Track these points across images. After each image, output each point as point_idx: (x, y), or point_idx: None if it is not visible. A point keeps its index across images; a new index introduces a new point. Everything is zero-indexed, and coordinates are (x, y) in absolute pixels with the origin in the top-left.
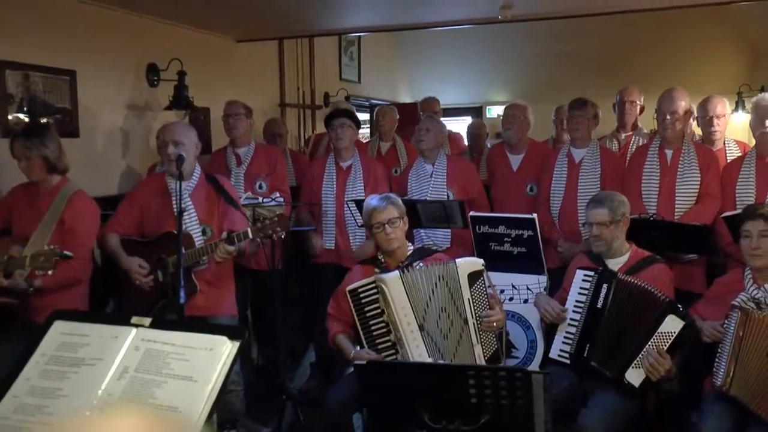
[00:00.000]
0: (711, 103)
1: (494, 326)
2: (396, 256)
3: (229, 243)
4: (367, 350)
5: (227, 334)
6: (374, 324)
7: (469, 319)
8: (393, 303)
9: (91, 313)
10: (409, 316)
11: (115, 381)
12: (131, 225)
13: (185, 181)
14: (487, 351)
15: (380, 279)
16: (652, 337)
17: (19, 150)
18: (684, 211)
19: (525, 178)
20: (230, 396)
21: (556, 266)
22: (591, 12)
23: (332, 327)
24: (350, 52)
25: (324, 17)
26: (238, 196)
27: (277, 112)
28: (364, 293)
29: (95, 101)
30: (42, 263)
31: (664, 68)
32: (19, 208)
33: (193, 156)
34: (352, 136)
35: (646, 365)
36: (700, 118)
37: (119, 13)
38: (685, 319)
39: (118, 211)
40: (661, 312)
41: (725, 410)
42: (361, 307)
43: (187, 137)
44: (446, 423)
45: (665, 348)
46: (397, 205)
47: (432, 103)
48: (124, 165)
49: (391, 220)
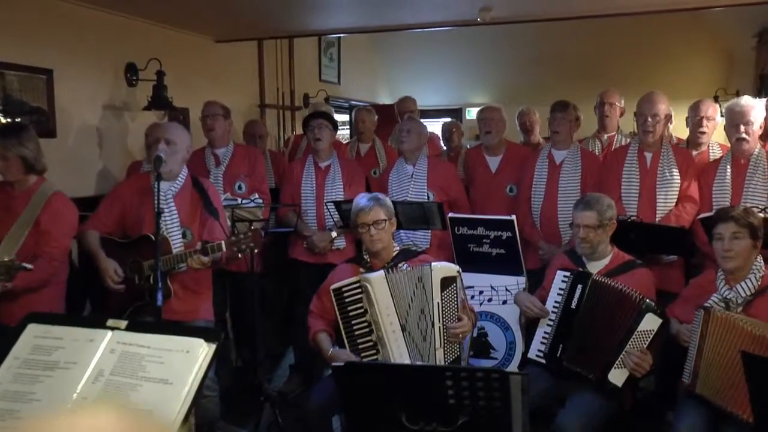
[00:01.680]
0: (704, 105)
1: (459, 337)
2: (381, 257)
3: (204, 254)
4: (345, 350)
5: (204, 337)
6: (356, 323)
7: (436, 323)
8: (377, 302)
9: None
10: (392, 316)
11: (90, 384)
12: (112, 223)
13: (170, 182)
14: (449, 356)
15: (365, 278)
16: (632, 337)
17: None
18: (665, 213)
19: (504, 180)
20: (205, 401)
21: (536, 267)
22: (569, 15)
23: (313, 325)
24: (330, 53)
25: (304, 18)
26: (220, 202)
27: (256, 113)
28: (347, 292)
29: (72, 101)
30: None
31: (642, 72)
32: None
33: (182, 158)
34: (330, 136)
35: (630, 364)
36: (690, 118)
37: (97, 12)
38: (662, 316)
39: (100, 208)
40: (638, 312)
41: (700, 408)
42: (344, 306)
43: (179, 138)
44: (424, 424)
45: (645, 346)
46: (384, 206)
47: (408, 102)
48: (101, 165)
49: (376, 222)
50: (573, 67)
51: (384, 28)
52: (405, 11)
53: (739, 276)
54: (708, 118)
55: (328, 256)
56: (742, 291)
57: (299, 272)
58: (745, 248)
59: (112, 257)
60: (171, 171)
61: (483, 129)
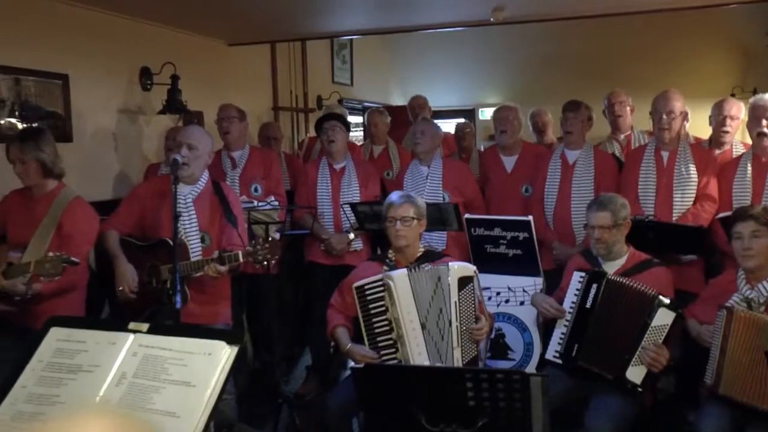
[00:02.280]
0: (728, 103)
1: (480, 337)
2: (406, 255)
3: (220, 263)
4: (363, 346)
5: (225, 339)
6: (377, 321)
7: (453, 322)
8: (398, 300)
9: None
10: (412, 314)
11: (113, 387)
12: (132, 224)
13: (190, 186)
14: (466, 356)
15: (388, 276)
16: (647, 333)
17: (15, 153)
18: (681, 212)
19: (520, 180)
20: (222, 403)
21: (550, 268)
22: (583, 14)
23: (332, 319)
24: (342, 55)
25: (316, 20)
26: (241, 209)
27: (270, 116)
28: (370, 290)
29: (88, 105)
30: (48, 269)
31: (656, 71)
32: (14, 213)
33: (204, 162)
34: (344, 138)
35: (647, 360)
36: (714, 117)
37: (112, 17)
38: (676, 310)
39: (120, 208)
40: (652, 307)
41: (724, 409)
42: (366, 303)
43: (201, 142)
44: (443, 426)
45: (661, 341)
46: (416, 205)
47: (420, 101)
48: (117, 169)
49: (404, 218)
50: (586, 66)
51: (396, 29)
52: (417, 12)
53: (761, 275)
54: (732, 117)
55: (346, 258)
56: (763, 290)
57: (316, 274)
58: (765, 247)
59: (131, 259)
60: (192, 175)
61: (498, 128)
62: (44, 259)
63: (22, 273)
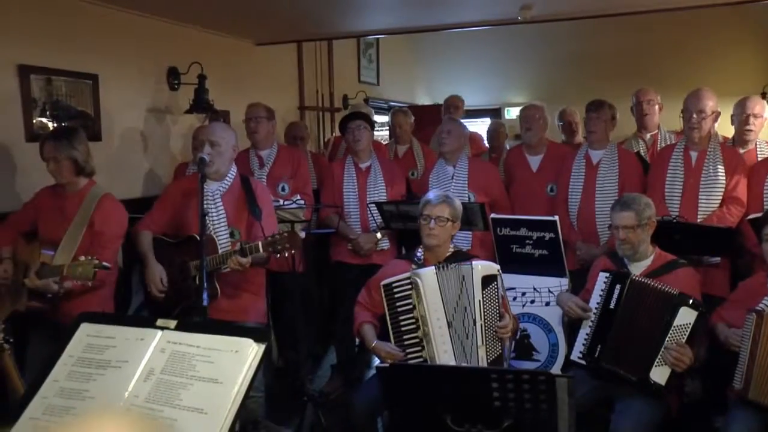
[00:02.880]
0: (751, 101)
1: (504, 335)
2: (436, 254)
3: (242, 254)
4: (389, 343)
5: (253, 337)
6: (404, 319)
7: (478, 320)
8: (425, 298)
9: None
10: (439, 312)
11: (141, 383)
12: (165, 223)
13: (218, 182)
14: (491, 354)
15: (416, 274)
16: (669, 332)
17: (49, 151)
18: (707, 214)
19: (545, 179)
20: (250, 401)
21: (574, 268)
22: (610, 12)
23: (359, 316)
24: (369, 54)
25: (343, 20)
26: (269, 200)
27: (296, 115)
28: (397, 288)
29: (117, 105)
30: (81, 273)
31: (684, 69)
32: (46, 211)
33: (229, 158)
34: (369, 137)
35: (670, 360)
36: (736, 116)
37: (140, 18)
38: (698, 308)
39: (153, 209)
40: (673, 306)
41: (753, 415)
42: (393, 301)
43: (223, 138)
44: (468, 426)
45: (684, 340)
46: (452, 207)
47: (455, 100)
48: (146, 168)
49: (439, 218)
50: (613, 65)
51: (423, 28)
52: (444, 11)
53: None
54: (755, 116)
55: (373, 257)
56: None
57: (343, 273)
58: None
59: (163, 256)
60: (218, 171)
61: (524, 126)
62: (77, 263)
63: (55, 275)
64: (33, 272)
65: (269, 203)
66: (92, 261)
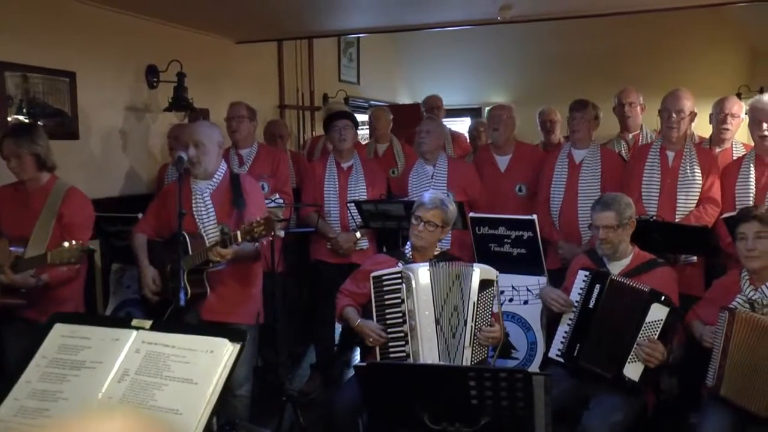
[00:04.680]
0: (729, 101)
1: (490, 342)
2: (422, 254)
3: (222, 246)
4: (372, 322)
5: (228, 337)
6: (390, 313)
7: (469, 322)
8: (416, 293)
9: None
10: (428, 309)
11: (116, 384)
12: (158, 225)
13: (207, 181)
14: (476, 357)
15: (409, 268)
16: (641, 329)
17: (10, 149)
18: (684, 213)
19: (513, 179)
20: (237, 401)
21: (555, 267)
22: (590, 13)
23: (341, 302)
24: (349, 53)
25: (323, 18)
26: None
27: (276, 114)
28: (388, 281)
29: (95, 103)
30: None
31: (663, 69)
32: (9, 208)
33: (216, 155)
34: (354, 136)
35: (642, 356)
36: (714, 115)
37: (118, 15)
38: (669, 305)
39: (146, 212)
40: (645, 303)
41: (726, 410)
42: (382, 294)
43: (208, 137)
44: (446, 424)
45: (656, 336)
46: (445, 213)
47: (435, 100)
48: (125, 166)
49: (429, 222)
50: (593, 65)
51: (404, 27)
52: (425, 11)
53: (764, 276)
54: (732, 115)
55: (352, 256)
56: (767, 291)
57: (322, 273)
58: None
59: (156, 256)
60: (206, 170)
61: (491, 126)
62: (61, 249)
63: (38, 264)
64: (7, 268)
65: (259, 198)
66: (76, 244)
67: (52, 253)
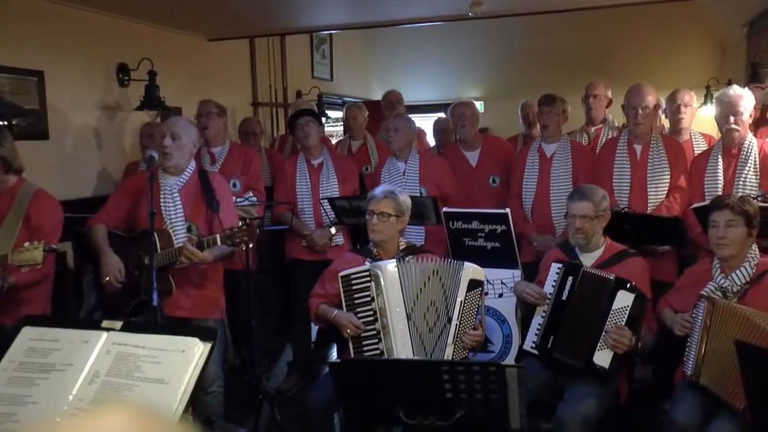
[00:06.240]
0: (679, 93)
1: (470, 345)
2: (385, 249)
3: (199, 248)
4: (349, 313)
5: (199, 336)
6: (361, 311)
7: (453, 320)
8: (386, 291)
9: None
10: (399, 305)
11: (86, 386)
12: (120, 218)
13: (176, 176)
14: (457, 355)
15: (377, 266)
16: (609, 316)
17: None
18: (656, 204)
19: (485, 172)
20: (209, 397)
21: (530, 260)
22: (559, 8)
23: (314, 303)
24: (322, 50)
25: (295, 15)
26: (227, 193)
27: (249, 111)
28: (356, 280)
29: (65, 102)
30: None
31: (633, 63)
32: None
33: (189, 152)
34: (318, 132)
35: (610, 342)
36: (669, 108)
37: (87, 13)
38: (634, 291)
39: (107, 203)
40: (611, 291)
41: (696, 398)
42: (351, 293)
43: (186, 132)
44: (421, 418)
45: (623, 323)
46: (396, 202)
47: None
48: (96, 166)
49: (382, 213)
50: (564, 60)
51: (375, 24)
52: (396, 7)
53: (735, 264)
54: (685, 105)
55: (327, 253)
56: (737, 279)
57: (297, 270)
58: (740, 236)
59: (118, 251)
60: (177, 165)
61: (458, 124)
62: (22, 249)
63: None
64: None
65: (228, 196)
66: (39, 244)
67: (13, 254)
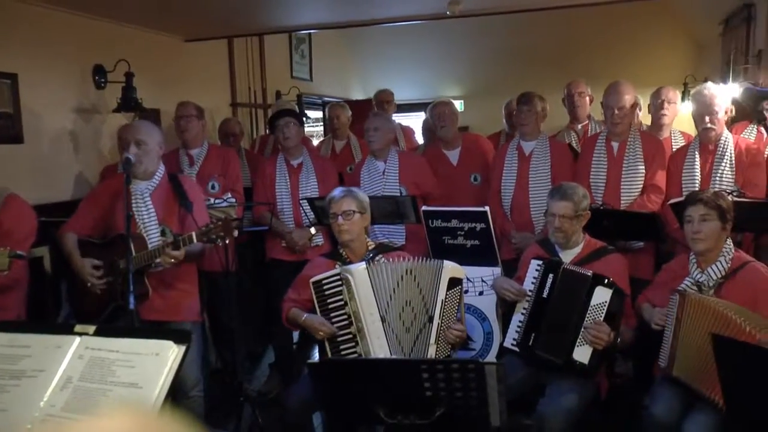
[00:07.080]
0: (664, 90)
1: (454, 340)
2: (355, 250)
3: (175, 247)
4: (318, 316)
5: (173, 339)
6: (335, 316)
7: (435, 318)
8: (357, 294)
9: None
10: (372, 308)
11: (58, 392)
12: (91, 225)
13: (146, 181)
14: (440, 354)
15: (346, 270)
16: (587, 312)
17: None
18: (629, 201)
19: (467, 170)
20: (191, 402)
21: (510, 257)
22: (538, 7)
23: (286, 307)
24: (301, 50)
25: (274, 15)
26: (198, 194)
27: (228, 112)
28: (327, 285)
29: (40, 105)
30: None
31: (611, 61)
32: None
33: (156, 156)
34: (299, 133)
35: (589, 338)
36: (653, 104)
37: (62, 14)
38: (612, 287)
39: (78, 211)
40: (589, 287)
41: (674, 392)
42: (324, 298)
43: (150, 136)
44: (402, 417)
45: (602, 318)
46: (356, 199)
47: (387, 95)
48: (74, 170)
49: (345, 212)
50: (544, 58)
51: (354, 23)
52: (374, 6)
53: (710, 258)
54: (669, 101)
55: (308, 253)
56: (713, 273)
57: (277, 271)
58: (714, 230)
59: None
60: (146, 170)
61: (438, 124)
62: None
63: None
64: None
65: (200, 198)
66: (5, 250)
67: None
